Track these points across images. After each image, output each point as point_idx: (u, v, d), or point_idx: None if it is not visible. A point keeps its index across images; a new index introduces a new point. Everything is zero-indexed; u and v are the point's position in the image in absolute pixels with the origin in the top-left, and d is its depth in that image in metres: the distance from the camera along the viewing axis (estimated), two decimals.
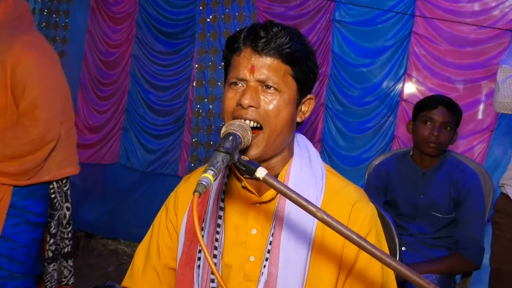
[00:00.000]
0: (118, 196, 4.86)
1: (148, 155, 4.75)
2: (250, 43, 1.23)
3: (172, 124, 4.64)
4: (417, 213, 2.53)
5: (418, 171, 2.55)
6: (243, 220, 1.32)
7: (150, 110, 4.71)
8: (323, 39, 3.87)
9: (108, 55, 4.79)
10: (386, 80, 3.76)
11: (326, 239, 1.27)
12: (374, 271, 1.27)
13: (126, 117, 4.83)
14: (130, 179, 4.84)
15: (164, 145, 4.68)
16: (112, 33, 4.78)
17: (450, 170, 2.49)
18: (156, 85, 4.67)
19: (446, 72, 3.59)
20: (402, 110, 3.70)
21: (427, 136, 2.45)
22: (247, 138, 1.15)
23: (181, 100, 4.58)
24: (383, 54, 3.74)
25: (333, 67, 3.88)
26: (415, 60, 3.66)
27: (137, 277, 1.45)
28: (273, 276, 1.25)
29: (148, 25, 4.62)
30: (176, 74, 4.57)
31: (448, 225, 2.51)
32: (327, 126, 3.94)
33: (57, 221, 2.21)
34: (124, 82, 4.78)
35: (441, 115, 2.46)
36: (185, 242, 1.38)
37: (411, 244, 2.52)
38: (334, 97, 3.91)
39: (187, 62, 4.51)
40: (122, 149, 4.88)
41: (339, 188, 1.32)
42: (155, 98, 4.69)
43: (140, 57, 4.70)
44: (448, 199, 2.47)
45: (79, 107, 4.94)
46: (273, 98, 1.22)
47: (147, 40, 4.65)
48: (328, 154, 3.92)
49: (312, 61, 1.28)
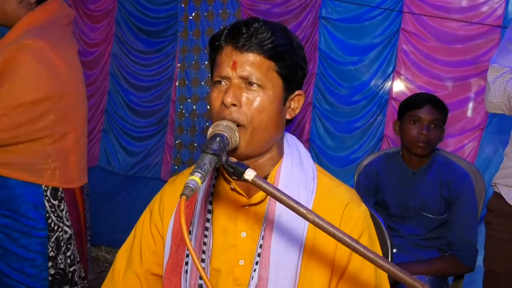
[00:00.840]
0: (98, 201, 4.76)
1: (130, 158, 4.72)
2: (231, 40, 1.23)
3: (154, 125, 4.62)
4: (407, 214, 2.54)
5: (408, 172, 2.57)
6: (232, 223, 1.32)
7: (131, 111, 4.68)
8: (309, 37, 3.89)
9: (86, 54, 4.74)
10: (375, 78, 3.78)
11: (317, 241, 1.27)
12: (367, 273, 1.27)
13: (106, 118, 4.79)
14: (111, 183, 4.79)
15: (146, 147, 4.65)
16: (90, 32, 4.73)
17: (441, 169, 2.51)
18: (137, 85, 4.64)
19: (435, 69, 3.63)
20: (391, 108, 3.73)
21: (416, 136, 2.47)
22: (235, 139, 1.15)
23: (163, 100, 4.56)
24: (371, 51, 3.77)
25: (320, 65, 3.89)
26: (403, 58, 3.69)
27: (118, 281, 1.43)
28: (264, 280, 1.25)
29: (128, 23, 4.59)
30: (158, 73, 4.55)
31: (439, 226, 2.52)
32: (315, 125, 3.96)
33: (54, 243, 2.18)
34: (103, 82, 4.74)
35: (428, 114, 2.47)
36: (172, 247, 1.37)
37: (402, 245, 2.53)
38: (322, 96, 3.92)
39: (169, 61, 4.49)
40: (102, 151, 4.83)
41: (331, 189, 1.33)
42: (136, 98, 4.66)
43: (120, 56, 4.66)
44: (440, 199, 2.49)
45: None
46: (256, 95, 1.22)
47: (127, 39, 4.61)
48: (316, 154, 3.93)
49: (299, 56, 1.28)
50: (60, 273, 2.15)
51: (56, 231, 2.16)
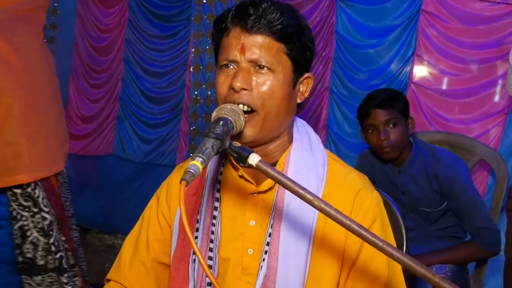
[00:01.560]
0: (114, 189, 4.86)
1: (144, 146, 4.75)
2: (238, 21, 1.21)
3: (168, 112, 4.63)
4: (404, 210, 2.51)
5: (393, 169, 2.53)
6: (240, 211, 1.31)
7: (146, 98, 4.69)
8: (326, 20, 3.83)
9: (100, 40, 4.77)
10: (394, 62, 3.71)
11: (328, 230, 1.26)
12: (379, 263, 1.26)
13: (120, 105, 4.82)
14: (126, 171, 4.83)
15: (161, 134, 4.67)
16: (103, 17, 4.75)
17: (425, 162, 2.43)
18: (151, 71, 4.65)
19: (458, 52, 3.54)
20: (411, 93, 3.65)
21: (378, 143, 2.40)
22: (240, 122, 1.14)
23: (177, 86, 4.56)
24: (390, 34, 3.69)
25: (337, 49, 3.84)
26: (424, 40, 3.61)
27: (123, 270, 1.44)
28: (273, 270, 1.24)
29: (141, 8, 4.59)
30: (172, 59, 4.55)
31: (444, 215, 2.48)
32: (332, 111, 3.92)
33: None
34: (117, 68, 4.76)
35: (378, 118, 2.38)
36: (179, 235, 1.37)
37: (416, 237, 2.51)
38: (339, 81, 3.88)
39: (183, 46, 4.49)
40: (117, 139, 4.87)
41: (342, 175, 1.31)
42: (151, 85, 4.67)
43: (133, 42, 4.67)
44: (431, 193, 2.43)
45: (71, 96, 4.93)
46: (266, 78, 1.20)
47: (140, 24, 4.62)
48: (333, 141, 3.90)
49: (307, 37, 1.26)
50: (27, 262, 2.11)
51: (20, 220, 2.12)
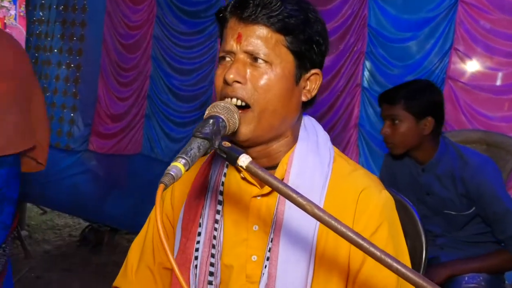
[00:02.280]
0: (143, 189, 4.89)
1: (173, 145, 4.77)
2: (235, 10, 1.17)
3: (197, 110, 4.63)
4: (429, 212, 2.43)
5: (417, 167, 2.45)
6: (243, 215, 1.27)
7: (174, 96, 4.72)
8: (357, 13, 3.77)
9: (128, 37, 4.83)
10: (430, 56, 3.61)
11: (331, 236, 1.19)
12: (385, 273, 1.18)
13: (148, 103, 4.85)
14: (155, 170, 4.84)
15: (189, 133, 4.66)
16: (132, 14, 4.81)
17: (452, 163, 2.34)
18: (179, 68, 4.67)
19: (499, 45, 3.41)
20: (448, 89, 3.54)
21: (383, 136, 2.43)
22: (233, 121, 1.09)
23: (206, 83, 4.56)
24: (426, 26, 3.59)
25: (369, 43, 3.77)
26: (463, 33, 3.49)
27: (130, 277, 1.42)
28: (273, 277, 1.20)
29: (169, 4, 4.62)
30: (200, 56, 4.56)
31: (472, 221, 2.38)
32: (364, 109, 3.84)
33: None
34: (145, 66, 4.81)
35: (384, 111, 2.42)
36: (181, 239, 1.34)
37: (448, 243, 2.43)
38: (372, 77, 3.81)
39: (211, 42, 4.48)
40: (145, 138, 4.92)
41: (346, 173, 1.25)
42: (179, 82, 4.69)
43: (161, 39, 4.71)
44: (457, 196, 2.34)
45: (100, 95, 5.01)
46: (262, 72, 1.15)
47: (168, 20, 4.65)
48: (365, 140, 3.81)
49: (314, 30, 1.19)
50: None
51: None
